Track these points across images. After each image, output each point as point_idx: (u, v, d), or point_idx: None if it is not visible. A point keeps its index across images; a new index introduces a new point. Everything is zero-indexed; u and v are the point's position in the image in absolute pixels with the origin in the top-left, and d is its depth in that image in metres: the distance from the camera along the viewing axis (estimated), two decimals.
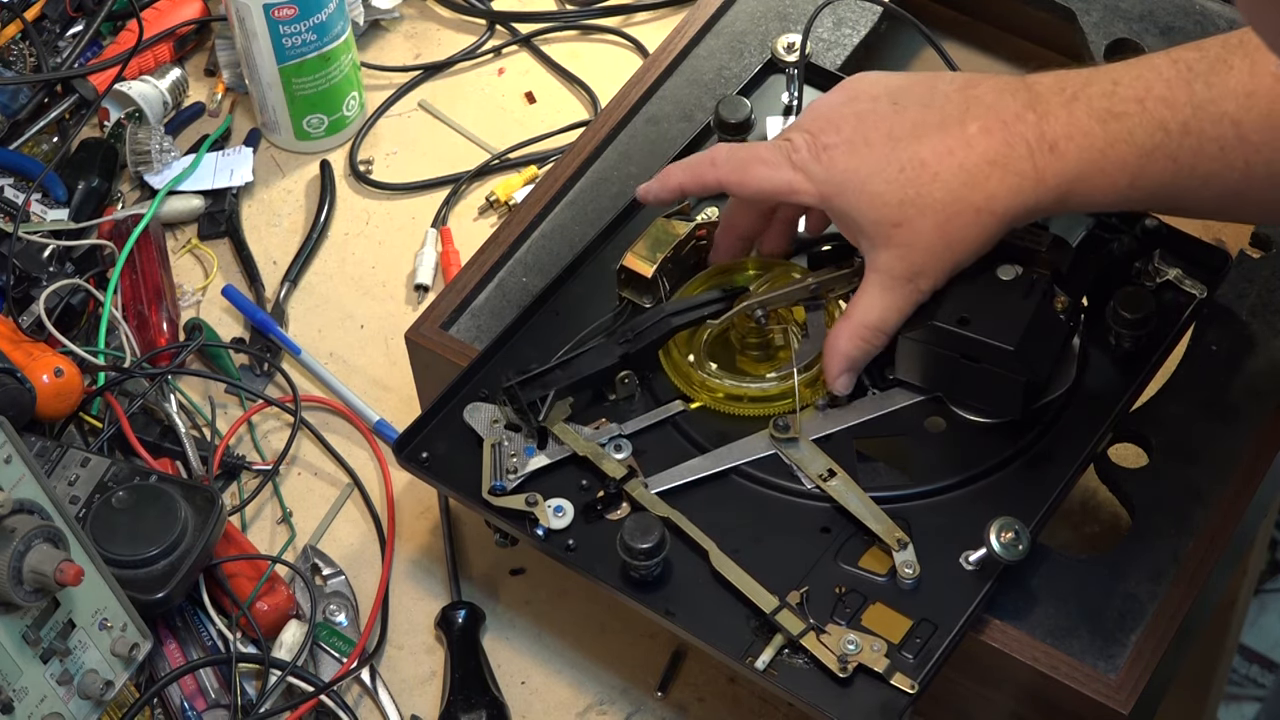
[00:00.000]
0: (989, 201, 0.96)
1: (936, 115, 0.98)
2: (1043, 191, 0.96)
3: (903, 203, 0.97)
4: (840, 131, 1.00)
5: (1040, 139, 0.95)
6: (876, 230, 0.98)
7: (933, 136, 0.97)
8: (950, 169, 0.97)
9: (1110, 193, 0.96)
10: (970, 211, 0.97)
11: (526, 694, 1.13)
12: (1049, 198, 0.96)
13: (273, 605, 1.14)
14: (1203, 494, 1.04)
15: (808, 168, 1.00)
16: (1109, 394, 1.06)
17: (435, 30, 1.50)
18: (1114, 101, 0.95)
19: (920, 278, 0.99)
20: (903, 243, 0.98)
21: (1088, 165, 0.95)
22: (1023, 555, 0.97)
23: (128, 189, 1.40)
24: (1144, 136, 0.94)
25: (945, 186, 0.97)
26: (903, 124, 0.98)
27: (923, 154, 0.97)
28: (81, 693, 1.04)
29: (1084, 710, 0.98)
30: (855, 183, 0.98)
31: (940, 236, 0.98)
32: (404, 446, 1.07)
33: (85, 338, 1.29)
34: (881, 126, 0.99)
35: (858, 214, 0.99)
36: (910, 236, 0.98)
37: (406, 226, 1.38)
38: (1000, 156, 0.96)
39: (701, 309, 1.08)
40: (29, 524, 0.98)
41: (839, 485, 1.02)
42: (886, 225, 0.98)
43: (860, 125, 0.99)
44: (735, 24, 1.31)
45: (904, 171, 0.97)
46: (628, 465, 1.05)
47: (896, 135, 0.98)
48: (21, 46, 1.46)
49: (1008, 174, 0.96)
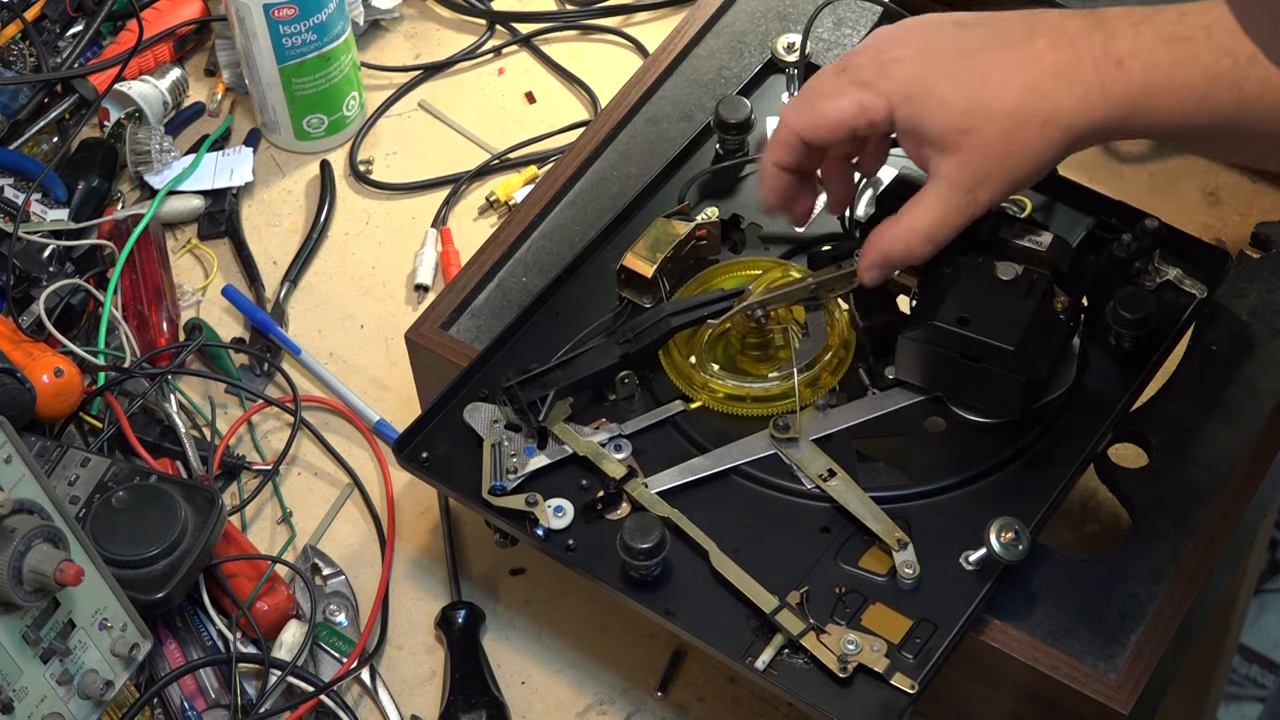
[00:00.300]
0: (1055, 114, 0.96)
1: (1002, 33, 0.98)
2: (1109, 108, 0.95)
3: (968, 110, 0.96)
4: (906, 46, 0.99)
5: (1106, 55, 0.95)
6: (944, 135, 0.97)
7: (1000, 50, 0.97)
8: (1018, 80, 0.96)
9: (1175, 114, 0.95)
10: (1036, 122, 0.96)
11: (526, 694, 1.13)
12: (1115, 115, 0.96)
13: (273, 605, 1.14)
14: (1203, 494, 1.04)
15: (874, 83, 0.99)
16: (1109, 394, 1.06)
17: (435, 30, 1.50)
18: (1181, 27, 0.94)
19: (980, 188, 0.98)
20: (968, 148, 0.97)
21: (1154, 84, 0.94)
22: (1023, 555, 0.97)
23: (128, 189, 1.40)
24: (1210, 60, 0.93)
25: (1013, 95, 0.96)
26: (969, 40, 0.98)
27: (990, 64, 0.97)
28: (81, 693, 1.04)
29: (1084, 710, 0.98)
30: (923, 89, 0.98)
31: (1005, 145, 0.97)
32: (404, 446, 1.07)
33: (85, 338, 1.29)
34: (948, 42, 0.99)
35: (925, 120, 0.98)
36: (976, 141, 0.97)
37: (406, 226, 1.38)
38: (1067, 70, 0.95)
39: (702, 309, 1.08)
40: (29, 524, 0.98)
41: (839, 485, 1.02)
42: (953, 131, 0.97)
43: (926, 41, 0.99)
44: (735, 24, 1.31)
45: (972, 78, 0.97)
46: (628, 465, 1.05)
47: (963, 49, 0.98)
48: (21, 46, 1.46)
49: (1074, 86, 0.95)
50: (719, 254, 1.14)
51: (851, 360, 1.08)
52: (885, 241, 1.01)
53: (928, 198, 0.99)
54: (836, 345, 1.08)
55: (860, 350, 1.08)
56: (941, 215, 0.99)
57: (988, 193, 0.98)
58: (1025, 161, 0.97)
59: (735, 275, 1.12)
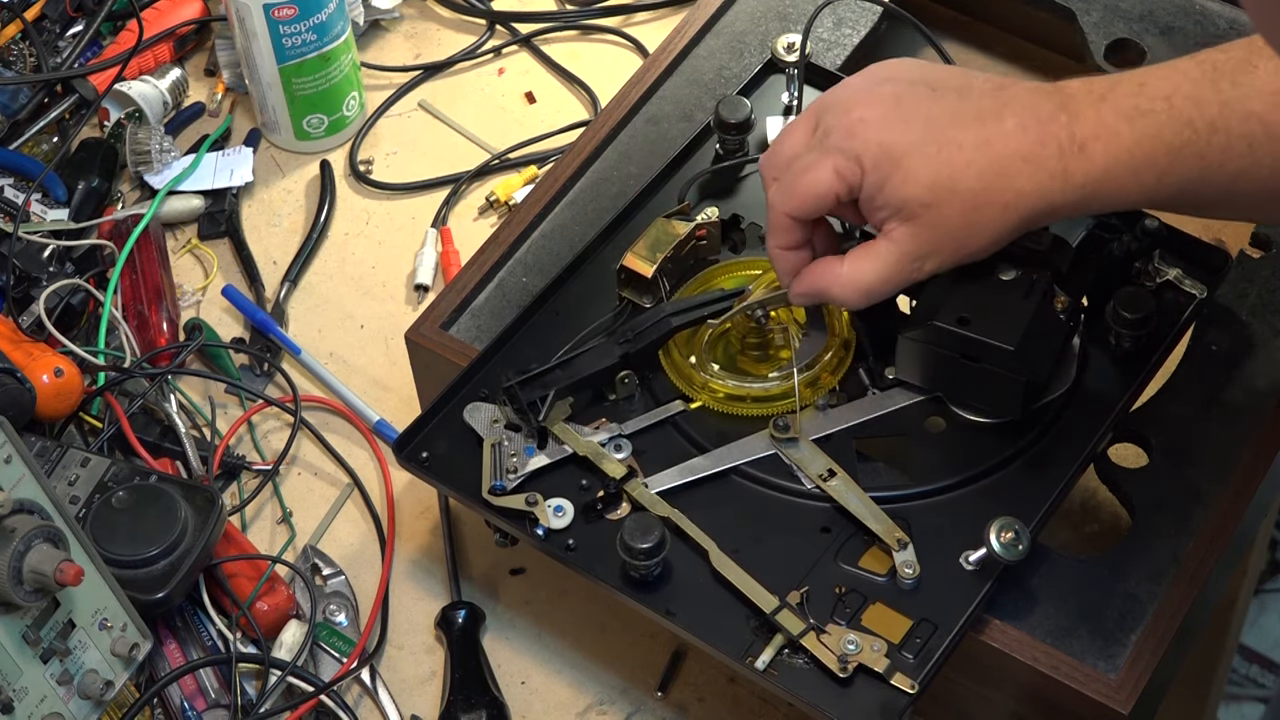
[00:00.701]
0: (1016, 198, 0.96)
1: (974, 107, 0.98)
2: (1068, 191, 0.96)
3: (934, 186, 0.97)
4: (876, 108, 0.99)
5: (1071, 139, 0.95)
6: (904, 206, 0.98)
7: (970, 126, 0.97)
8: (985, 159, 0.96)
9: (1137, 191, 0.96)
10: (997, 206, 0.96)
11: (526, 694, 1.13)
12: (1073, 197, 0.96)
13: (273, 605, 1.14)
14: (1203, 494, 1.04)
15: (844, 147, 0.99)
16: (1109, 394, 1.06)
17: (435, 30, 1.50)
18: (1141, 100, 0.95)
19: (929, 258, 0.99)
20: (926, 223, 0.98)
21: (1115, 164, 0.95)
22: (1023, 555, 0.97)
23: (128, 189, 1.40)
24: (1171, 134, 0.94)
25: (978, 178, 0.96)
26: (941, 109, 0.98)
27: (961, 139, 0.97)
28: (81, 693, 1.04)
29: (1084, 710, 0.98)
30: (891, 158, 0.97)
31: (962, 224, 0.97)
32: (404, 446, 1.07)
33: (85, 338, 1.29)
34: (920, 109, 0.98)
35: (889, 188, 0.98)
36: (935, 218, 0.97)
37: (406, 226, 1.38)
38: (1033, 154, 0.96)
39: (702, 309, 1.08)
40: (29, 524, 0.98)
41: (839, 485, 1.02)
42: (915, 204, 0.97)
43: (899, 106, 0.99)
44: (735, 24, 1.31)
45: (941, 152, 0.97)
46: (628, 465, 1.05)
47: (934, 118, 0.98)
48: (21, 46, 1.46)
49: (1038, 172, 0.96)
50: (719, 254, 1.14)
51: (851, 360, 1.08)
52: (823, 281, 1.02)
53: (876, 256, 1.00)
54: (836, 345, 1.08)
55: (860, 350, 1.08)
56: (884, 277, 1.00)
57: (934, 263, 0.99)
58: (977, 239, 0.98)
59: (735, 275, 1.12)
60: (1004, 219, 0.97)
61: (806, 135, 1.01)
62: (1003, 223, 0.97)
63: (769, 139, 1.20)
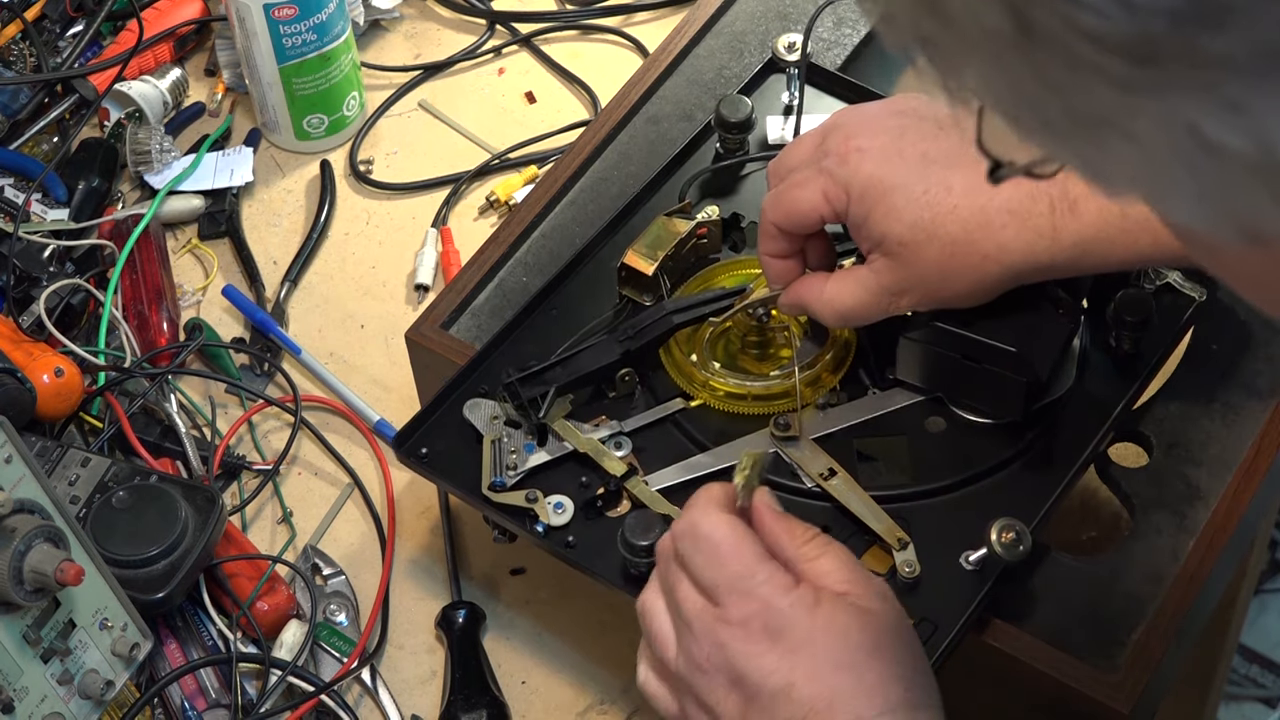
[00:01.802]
0: (998, 251, 0.95)
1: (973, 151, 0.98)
2: (1057, 250, 0.94)
3: (915, 225, 0.96)
4: (877, 139, 0.99)
5: (1063, 196, 0.94)
6: (885, 239, 0.98)
7: (965, 169, 0.96)
8: (971, 207, 0.95)
9: (1130, 251, 0.95)
10: (976, 255, 0.96)
11: (526, 694, 1.13)
12: (1063, 257, 0.95)
13: (273, 605, 1.14)
14: (1203, 494, 1.04)
15: (835, 171, 0.99)
16: (1109, 395, 1.06)
17: (435, 30, 1.50)
18: None
19: (904, 295, 0.99)
20: (904, 259, 0.98)
21: (1107, 226, 0.94)
22: (1024, 556, 0.97)
23: (128, 189, 1.40)
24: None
25: (960, 224, 0.95)
26: (939, 149, 0.97)
27: (950, 181, 0.96)
28: (82, 692, 1.04)
29: (1084, 710, 0.98)
30: (878, 190, 0.97)
31: (938, 270, 0.97)
32: (404, 441, 1.07)
33: (85, 338, 1.29)
34: (918, 146, 0.98)
35: (873, 221, 0.98)
36: (912, 256, 0.97)
37: (406, 226, 1.38)
38: (1021, 208, 0.94)
39: (703, 307, 1.08)
40: (29, 524, 0.98)
41: (840, 484, 1.02)
42: (893, 240, 0.97)
43: (899, 139, 0.98)
44: (735, 24, 1.31)
45: (928, 194, 0.96)
46: (628, 462, 1.05)
47: (931, 157, 0.97)
48: (21, 46, 1.46)
49: (1024, 228, 0.94)
50: (719, 252, 1.14)
51: (852, 360, 1.08)
52: (808, 296, 1.02)
53: (857, 282, 1.00)
54: (837, 345, 1.08)
55: (860, 350, 1.08)
56: (861, 304, 1.00)
57: (910, 301, 0.99)
58: (954, 285, 0.98)
59: (736, 274, 1.12)
60: (983, 269, 0.96)
61: (812, 149, 1.02)
62: (981, 273, 0.96)
63: (769, 138, 1.20)
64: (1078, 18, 0.45)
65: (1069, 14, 0.45)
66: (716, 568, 0.86)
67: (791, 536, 0.89)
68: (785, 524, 0.89)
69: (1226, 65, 0.44)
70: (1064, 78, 0.47)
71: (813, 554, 0.88)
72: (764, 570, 0.86)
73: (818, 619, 0.84)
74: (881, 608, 0.86)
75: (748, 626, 0.85)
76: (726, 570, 0.86)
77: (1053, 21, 0.45)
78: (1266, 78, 0.44)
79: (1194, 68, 0.44)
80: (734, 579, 0.86)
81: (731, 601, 0.85)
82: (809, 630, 0.84)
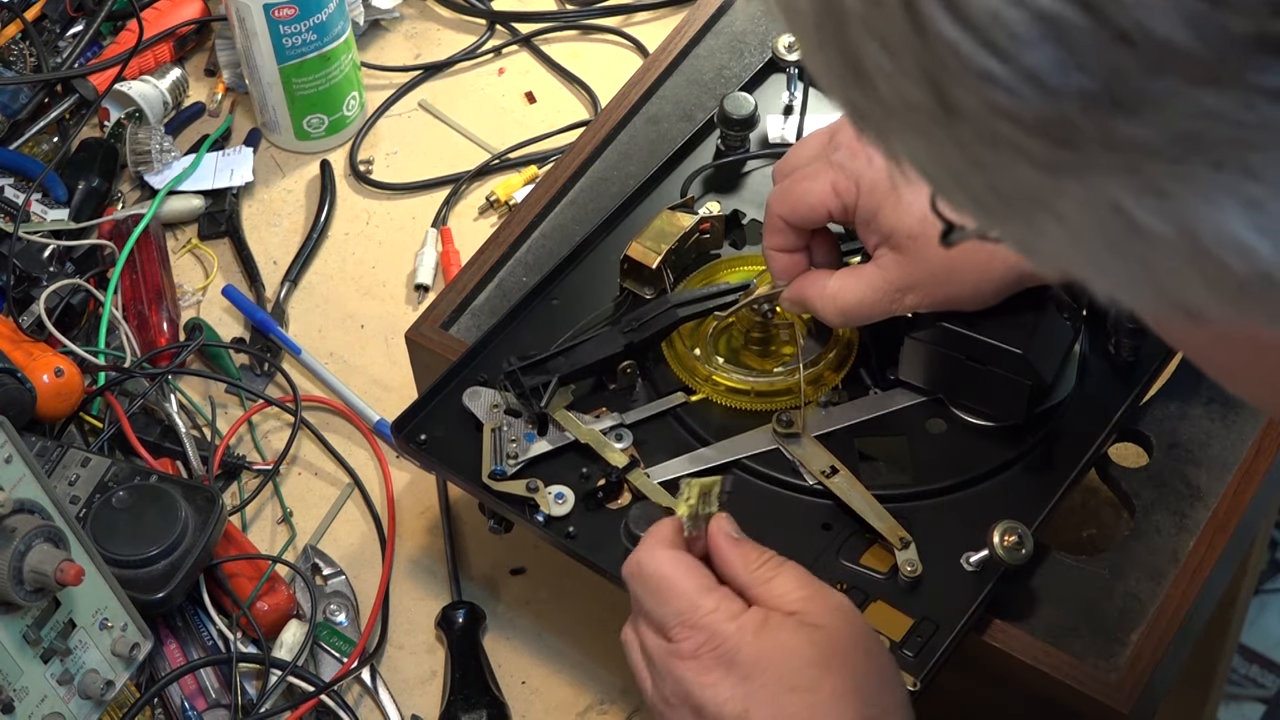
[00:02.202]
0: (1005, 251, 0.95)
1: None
2: None
3: (926, 219, 0.96)
4: None
5: None
6: (893, 234, 0.98)
7: None
8: None
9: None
10: (983, 253, 0.95)
11: (526, 694, 1.13)
12: None
13: (273, 605, 1.14)
14: (1203, 494, 1.04)
15: (845, 165, 0.99)
16: (1110, 400, 1.06)
17: (435, 30, 1.50)
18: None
19: (910, 293, 0.99)
20: (911, 253, 0.97)
21: None
22: (1025, 559, 0.96)
23: (128, 189, 1.40)
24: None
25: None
26: None
27: None
28: (82, 692, 1.04)
29: (1084, 710, 0.98)
30: (888, 185, 0.97)
31: (945, 266, 0.97)
32: (402, 427, 1.07)
33: (85, 338, 1.29)
34: None
35: (882, 215, 0.98)
36: (920, 252, 0.97)
37: (406, 226, 1.38)
38: None
39: (708, 301, 1.08)
40: (29, 524, 0.98)
41: (842, 482, 1.02)
42: (902, 234, 0.97)
43: None
44: (735, 24, 1.31)
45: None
46: (629, 454, 1.04)
47: None
48: (21, 46, 1.46)
49: None
50: (721, 248, 1.14)
51: (854, 359, 1.08)
52: (810, 292, 1.02)
53: (861, 279, 1.00)
54: (840, 344, 1.08)
55: (863, 350, 1.08)
56: (865, 301, 1.00)
57: (915, 299, 0.99)
58: (958, 284, 0.97)
59: (738, 271, 1.12)
60: (989, 268, 0.96)
61: (821, 144, 1.02)
62: (987, 271, 0.96)
63: (769, 138, 1.20)
64: (994, 96, 0.44)
65: (985, 93, 0.44)
66: (662, 604, 0.86)
67: (746, 561, 0.88)
68: (739, 550, 0.89)
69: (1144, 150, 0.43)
70: (987, 155, 0.46)
71: (767, 575, 0.87)
72: (709, 600, 0.86)
73: (764, 642, 0.84)
74: (834, 623, 0.85)
75: (699, 659, 0.84)
76: (671, 606, 0.86)
77: (971, 99, 0.44)
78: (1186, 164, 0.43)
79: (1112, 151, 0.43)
80: (679, 613, 0.86)
81: (681, 635, 0.85)
82: (756, 654, 0.84)
